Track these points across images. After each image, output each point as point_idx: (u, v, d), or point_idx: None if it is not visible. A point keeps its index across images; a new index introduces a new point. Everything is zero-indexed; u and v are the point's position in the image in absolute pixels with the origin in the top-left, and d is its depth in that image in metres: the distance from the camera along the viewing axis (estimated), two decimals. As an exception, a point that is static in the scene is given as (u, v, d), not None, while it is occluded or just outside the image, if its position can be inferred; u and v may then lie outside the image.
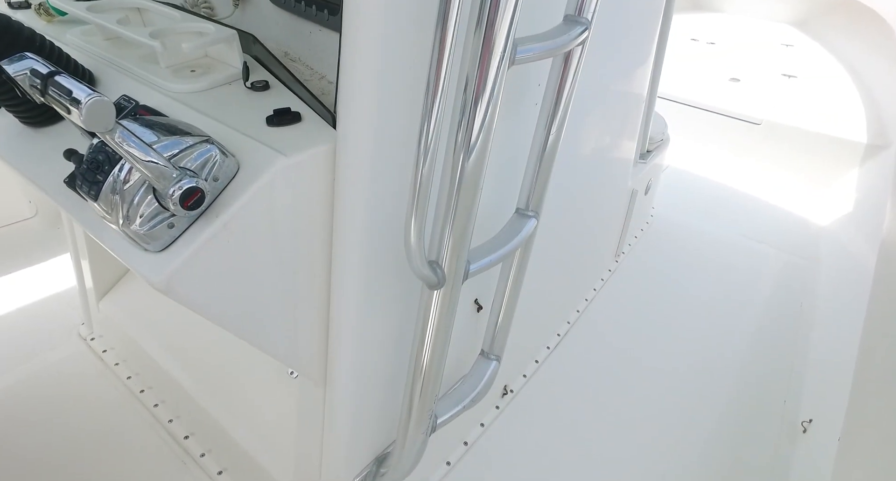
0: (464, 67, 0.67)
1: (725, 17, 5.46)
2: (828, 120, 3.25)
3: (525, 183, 1.03)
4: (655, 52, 1.95)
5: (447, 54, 0.64)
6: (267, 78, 0.97)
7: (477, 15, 0.64)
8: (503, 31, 0.65)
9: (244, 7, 1.20)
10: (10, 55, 0.82)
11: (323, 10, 0.96)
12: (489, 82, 0.67)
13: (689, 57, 4.31)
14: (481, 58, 0.66)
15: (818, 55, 4.32)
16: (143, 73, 0.94)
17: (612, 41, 1.44)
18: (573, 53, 0.88)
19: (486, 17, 0.63)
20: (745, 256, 2.49)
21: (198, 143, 0.69)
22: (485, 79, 0.67)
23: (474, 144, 0.71)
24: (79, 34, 1.07)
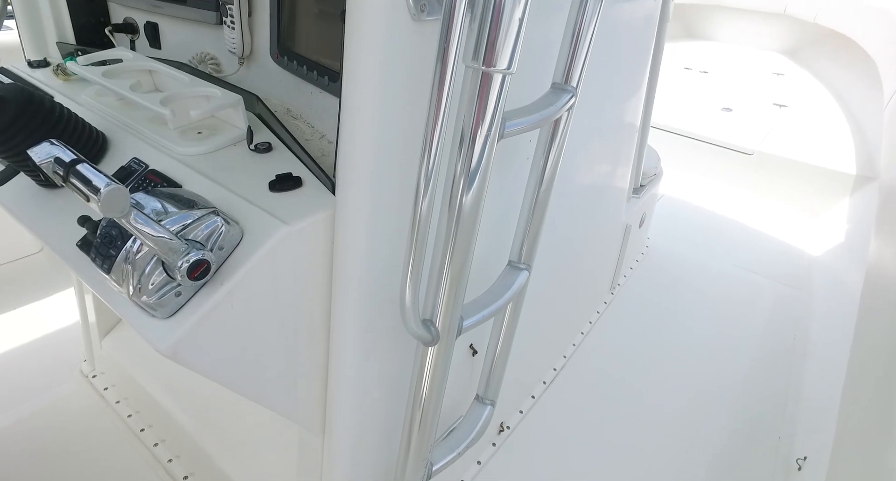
0: (455, 141, 0.72)
1: (717, 45, 5.59)
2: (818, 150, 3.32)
3: (517, 235, 1.07)
4: (647, 86, 2.00)
5: (439, 128, 0.68)
6: (270, 139, 1.02)
7: (468, 92, 0.68)
8: (491, 107, 0.69)
9: (249, 64, 1.26)
10: (33, 125, 0.87)
11: (324, 77, 1.01)
12: (479, 156, 0.72)
13: (682, 86, 4.40)
14: (472, 133, 0.70)
15: (808, 84, 4.42)
16: (154, 135, 0.99)
17: (605, 78, 1.49)
18: (561, 118, 0.93)
19: (476, 94, 0.68)
20: (739, 287, 2.52)
21: (204, 216, 0.73)
22: (474, 153, 0.71)
23: (466, 212, 0.75)
24: (93, 94, 1.12)
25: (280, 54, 1.13)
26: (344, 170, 0.78)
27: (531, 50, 0.96)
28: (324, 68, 1.01)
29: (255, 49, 1.23)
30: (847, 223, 2.85)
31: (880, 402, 1.34)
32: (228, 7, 1.18)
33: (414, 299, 0.79)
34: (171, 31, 1.36)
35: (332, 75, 0.99)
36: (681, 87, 4.37)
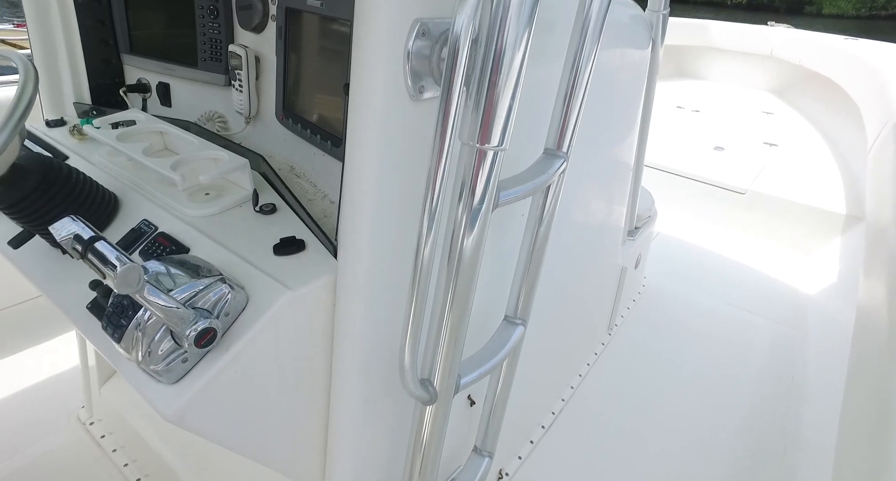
0: (452, 212, 0.76)
1: (708, 84, 5.76)
2: (809, 189, 3.38)
3: (513, 290, 1.10)
4: (640, 129, 2.07)
5: (437, 200, 0.72)
6: (274, 199, 1.07)
7: (464, 166, 0.73)
8: (486, 181, 0.74)
9: (255, 124, 1.32)
10: (52, 193, 0.91)
11: (326, 141, 1.06)
12: (475, 227, 0.76)
13: (675, 124, 4.52)
14: (468, 205, 0.74)
15: (797, 123, 4.53)
16: (163, 196, 1.03)
17: (598, 123, 1.54)
18: (554, 182, 0.97)
19: (471, 169, 0.72)
20: (736, 327, 2.54)
21: (212, 283, 0.77)
22: (470, 224, 0.75)
23: (463, 279, 0.78)
24: (106, 155, 1.18)
25: (285, 116, 1.19)
26: (345, 239, 0.82)
27: (524, 113, 1.02)
28: (326, 133, 1.07)
29: (261, 110, 1.29)
30: (839, 262, 2.88)
31: (875, 447, 1.34)
32: (237, 72, 1.24)
33: (413, 361, 0.82)
34: (182, 91, 1.42)
35: (334, 140, 1.05)
36: (674, 125, 4.49)
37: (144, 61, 1.42)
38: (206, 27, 1.29)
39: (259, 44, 1.24)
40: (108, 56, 1.44)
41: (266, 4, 1.19)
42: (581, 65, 0.89)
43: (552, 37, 1.04)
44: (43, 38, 1.39)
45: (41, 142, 1.27)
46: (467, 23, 0.63)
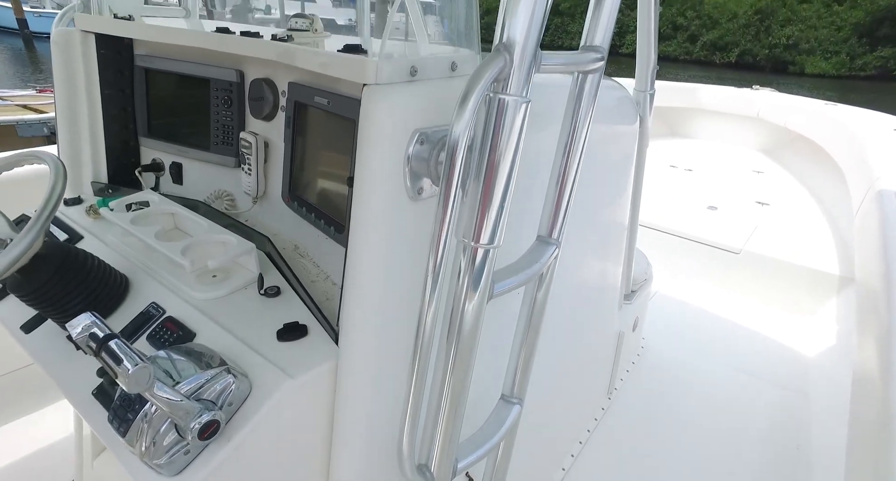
0: (449, 303, 0.80)
1: (700, 142, 5.95)
2: (802, 250, 3.44)
3: (509, 369, 1.12)
4: (632, 197, 2.14)
5: (435, 292, 0.76)
6: (278, 281, 1.11)
7: (460, 262, 0.77)
8: (480, 276, 0.78)
9: (261, 203, 1.38)
10: (67, 279, 0.95)
11: (330, 226, 1.12)
12: (470, 318, 0.79)
13: (669, 183, 4.64)
14: (464, 297, 0.78)
15: (787, 183, 4.66)
16: (172, 278, 1.08)
17: (590, 198, 1.60)
18: (547, 270, 1.02)
19: (468, 265, 0.77)
20: (738, 392, 2.52)
21: (217, 374, 0.80)
22: (467, 314, 0.79)
23: (460, 367, 0.81)
24: (119, 236, 1.23)
25: (291, 199, 1.25)
26: (346, 330, 0.86)
27: (515, 199, 1.07)
28: (330, 218, 1.12)
29: (268, 191, 1.36)
30: (836, 324, 2.90)
31: None
32: (247, 156, 1.32)
33: (411, 448, 0.83)
34: (194, 171, 1.50)
35: (337, 226, 1.10)
36: (668, 184, 4.61)
37: (160, 143, 1.51)
38: (219, 115, 1.38)
39: (268, 130, 1.33)
40: (127, 139, 1.53)
41: (276, 97, 1.28)
42: (571, 153, 0.96)
43: (543, 128, 1.12)
44: (70, 123, 1.48)
45: (58, 222, 1.33)
46: (464, 131, 0.69)
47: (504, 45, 0.69)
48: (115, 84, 1.47)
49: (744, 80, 26.29)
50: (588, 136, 0.95)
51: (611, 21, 0.92)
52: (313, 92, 1.11)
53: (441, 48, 1.03)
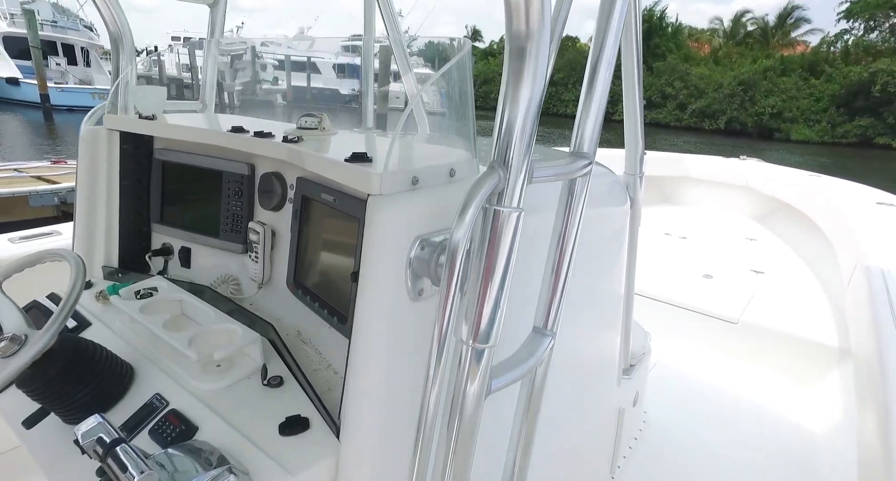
0: (448, 399, 0.83)
1: (692, 210, 6.11)
2: (800, 319, 3.46)
3: (509, 453, 1.12)
4: (626, 273, 2.18)
5: (435, 391, 0.79)
6: (281, 370, 1.14)
7: (459, 362, 0.80)
8: (477, 373, 0.81)
9: (266, 289, 1.43)
10: (74, 373, 0.98)
11: (333, 317, 1.16)
12: (469, 413, 0.82)
13: (663, 252, 4.72)
14: (462, 395, 0.81)
15: (780, 251, 4.74)
16: (177, 368, 1.10)
17: (583, 280, 1.63)
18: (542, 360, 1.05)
19: (466, 364, 0.80)
20: (744, 468, 2.45)
21: (218, 475, 0.81)
22: (465, 413, 0.82)
23: (459, 463, 0.83)
24: (127, 323, 1.27)
25: (295, 286, 1.30)
26: (347, 428, 0.88)
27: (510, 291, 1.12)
28: (333, 309, 1.17)
29: (274, 277, 1.41)
30: (839, 397, 2.86)
31: None
32: (255, 245, 1.38)
33: None
34: (202, 255, 1.56)
35: (340, 317, 1.14)
36: (663, 252, 4.68)
37: (171, 230, 1.58)
38: (230, 204, 1.46)
39: (276, 220, 1.40)
40: (141, 225, 1.61)
41: (285, 189, 1.36)
42: (564, 249, 1.02)
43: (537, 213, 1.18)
44: (88, 211, 1.56)
45: None
46: (462, 239, 0.75)
47: (498, 162, 0.77)
48: (133, 175, 1.56)
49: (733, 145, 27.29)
50: (580, 232, 1.02)
51: (597, 129, 1.01)
52: (320, 188, 1.18)
53: (440, 151, 1.12)
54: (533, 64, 0.73)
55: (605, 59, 1.00)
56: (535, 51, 0.72)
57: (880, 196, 4.50)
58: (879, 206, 4.14)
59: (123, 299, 1.31)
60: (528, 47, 0.72)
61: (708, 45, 44.72)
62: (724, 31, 44.95)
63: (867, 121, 30.48)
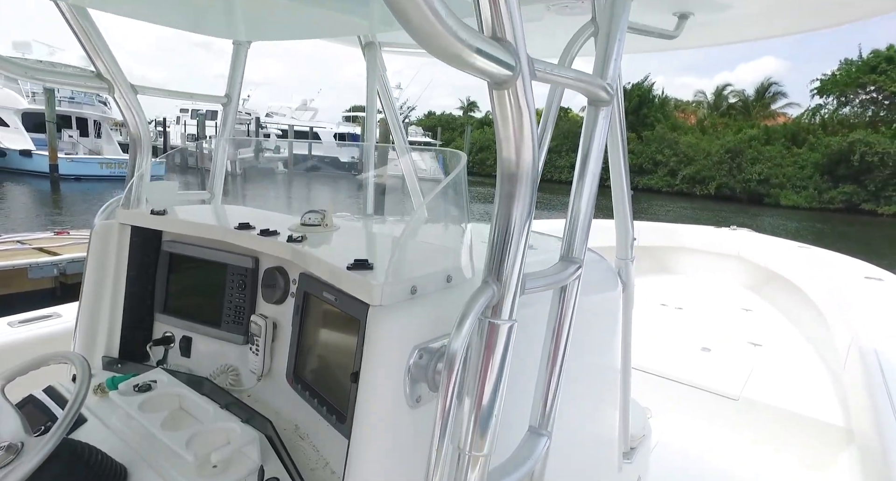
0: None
1: (687, 279, 6.16)
2: (801, 396, 3.42)
3: None
4: (622, 354, 2.18)
5: None
6: (278, 470, 1.13)
7: (457, 471, 0.81)
8: (473, 478, 0.82)
9: (266, 380, 1.45)
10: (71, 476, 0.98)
11: (332, 415, 1.17)
12: None
13: (660, 324, 4.72)
14: None
15: (775, 321, 4.75)
16: (173, 471, 1.10)
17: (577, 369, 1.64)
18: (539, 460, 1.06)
19: (463, 473, 0.81)
20: None
21: None
22: None
23: None
24: (124, 419, 1.27)
25: (295, 380, 1.32)
26: None
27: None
28: (332, 407, 1.18)
29: (273, 369, 1.43)
30: (849, 478, 2.78)
31: None
32: (256, 338, 1.41)
33: None
34: (202, 345, 1.59)
35: (339, 415, 1.15)
36: (659, 325, 4.68)
37: (174, 319, 1.61)
38: (233, 296, 1.51)
39: (278, 313, 1.44)
40: (144, 315, 1.64)
41: (287, 284, 1.41)
42: (557, 350, 1.05)
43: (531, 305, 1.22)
44: (93, 301, 1.60)
45: (64, 401, 1.37)
46: (459, 350, 0.79)
47: (492, 276, 0.83)
48: (141, 266, 1.61)
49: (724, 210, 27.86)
50: (572, 332, 1.05)
51: (586, 234, 1.08)
52: (322, 286, 1.23)
53: (438, 254, 1.18)
54: (523, 188, 0.80)
55: (590, 168, 1.08)
56: (525, 177, 0.79)
57: (868, 269, 4.59)
58: (868, 281, 4.21)
59: (122, 394, 1.32)
60: (518, 174, 0.80)
61: (694, 116, 46.88)
62: (708, 102, 47.30)
63: (851, 188, 31.55)
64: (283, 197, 3.54)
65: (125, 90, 1.61)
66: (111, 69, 1.56)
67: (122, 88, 1.59)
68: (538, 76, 0.81)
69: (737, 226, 6.64)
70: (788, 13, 1.96)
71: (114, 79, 1.58)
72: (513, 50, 0.70)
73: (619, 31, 1.11)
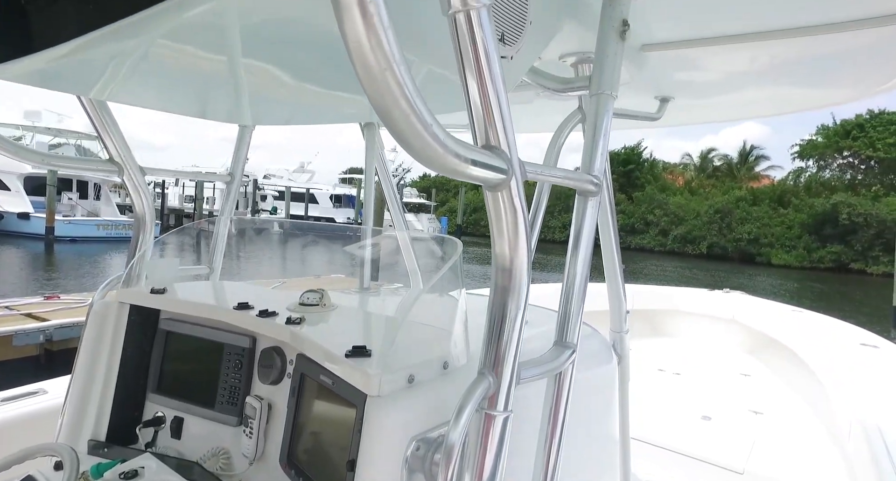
0: None
1: (682, 342, 6.11)
2: (809, 472, 3.31)
3: None
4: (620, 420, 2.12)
5: None
6: None
7: None
8: None
9: (258, 465, 1.41)
10: None
11: None
12: None
13: (659, 391, 4.63)
14: None
15: (775, 387, 4.68)
16: None
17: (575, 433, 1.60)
18: None
19: None
20: None
21: None
22: None
23: None
24: None
25: (289, 466, 1.29)
26: None
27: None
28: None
29: (266, 453, 1.40)
30: None
31: None
32: (250, 420, 1.39)
33: None
34: (194, 426, 1.55)
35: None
36: (658, 392, 4.60)
37: (166, 399, 1.59)
38: (228, 377, 1.50)
39: (273, 394, 1.43)
40: (135, 395, 1.61)
41: (284, 364, 1.41)
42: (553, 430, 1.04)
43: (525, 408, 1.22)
44: (85, 381, 1.58)
45: None
46: (457, 441, 0.79)
47: (488, 368, 0.84)
48: (137, 345, 1.61)
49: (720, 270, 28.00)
50: (567, 422, 1.05)
51: (578, 319, 1.10)
52: (320, 370, 1.23)
53: (433, 339, 1.20)
54: (517, 281, 0.84)
55: (581, 254, 1.12)
56: (519, 271, 0.83)
57: (862, 335, 4.60)
58: (864, 347, 4.21)
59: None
60: (512, 269, 0.83)
61: (682, 177, 48.28)
62: (695, 165, 48.90)
63: (838, 247, 32.18)
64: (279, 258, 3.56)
65: (134, 172, 1.67)
66: (122, 153, 1.64)
67: (131, 171, 1.66)
68: (529, 176, 0.87)
69: (733, 287, 6.69)
70: (761, 100, 2.10)
71: (124, 162, 1.65)
72: (505, 157, 0.76)
73: (604, 125, 1.19)
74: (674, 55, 1.61)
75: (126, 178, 1.67)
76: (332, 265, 8.58)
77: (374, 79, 0.53)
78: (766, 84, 1.87)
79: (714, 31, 1.43)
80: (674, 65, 1.76)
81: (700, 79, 1.93)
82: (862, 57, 1.52)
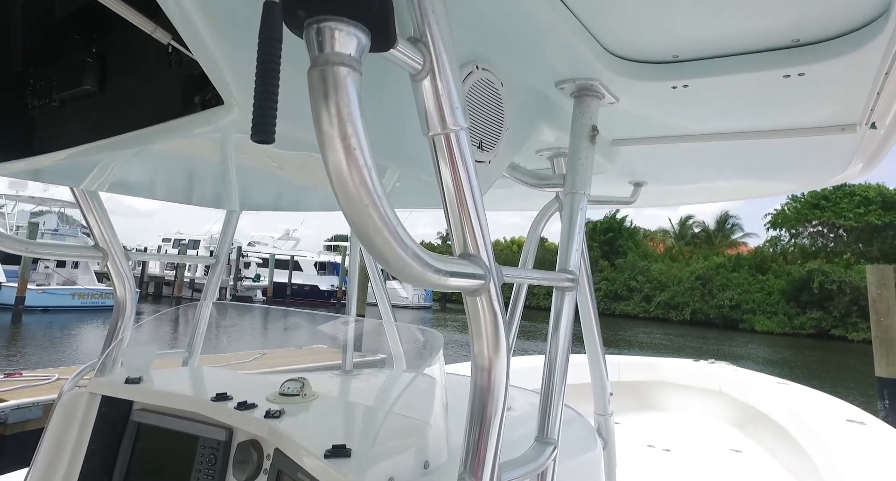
0: None
1: (671, 416, 5.98)
2: None
3: None
4: None
5: None
6: None
7: None
8: None
9: None
10: None
11: None
12: None
13: (650, 468, 4.48)
14: None
15: (767, 465, 4.56)
16: None
17: None
18: None
19: None
20: None
21: None
22: None
23: None
24: None
25: None
26: None
27: None
28: None
29: None
30: None
31: None
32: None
33: None
34: None
35: None
36: (649, 470, 4.45)
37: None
38: (201, 473, 1.43)
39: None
40: None
41: (261, 459, 1.36)
42: None
43: None
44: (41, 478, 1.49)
45: None
46: None
47: (469, 472, 0.83)
48: (105, 439, 1.54)
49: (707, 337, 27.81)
50: None
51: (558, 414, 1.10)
52: (297, 468, 1.20)
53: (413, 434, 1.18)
54: (495, 381, 0.85)
55: (560, 347, 1.14)
56: (497, 371, 0.84)
57: (847, 410, 4.60)
58: (850, 424, 4.20)
59: None
60: (491, 369, 0.85)
61: (662, 244, 49.28)
62: (674, 232, 50.14)
63: (818, 314, 32.59)
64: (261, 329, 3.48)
65: (119, 258, 1.68)
66: (109, 239, 1.66)
67: (116, 257, 1.67)
68: (506, 279, 0.91)
69: (733, 359, 6.67)
70: (727, 187, 2.24)
71: (110, 248, 1.66)
72: (483, 264, 0.80)
73: (578, 222, 1.25)
74: (641, 150, 1.73)
75: (110, 264, 1.67)
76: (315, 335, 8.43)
77: (359, 213, 0.57)
78: (729, 175, 2.00)
79: (674, 131, 1.55)
80: (643, 157, 1.88)
81: (668, 168, 2.06)
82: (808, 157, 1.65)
